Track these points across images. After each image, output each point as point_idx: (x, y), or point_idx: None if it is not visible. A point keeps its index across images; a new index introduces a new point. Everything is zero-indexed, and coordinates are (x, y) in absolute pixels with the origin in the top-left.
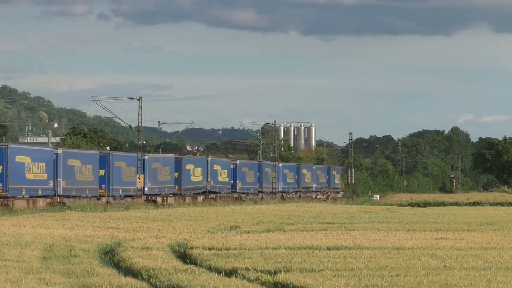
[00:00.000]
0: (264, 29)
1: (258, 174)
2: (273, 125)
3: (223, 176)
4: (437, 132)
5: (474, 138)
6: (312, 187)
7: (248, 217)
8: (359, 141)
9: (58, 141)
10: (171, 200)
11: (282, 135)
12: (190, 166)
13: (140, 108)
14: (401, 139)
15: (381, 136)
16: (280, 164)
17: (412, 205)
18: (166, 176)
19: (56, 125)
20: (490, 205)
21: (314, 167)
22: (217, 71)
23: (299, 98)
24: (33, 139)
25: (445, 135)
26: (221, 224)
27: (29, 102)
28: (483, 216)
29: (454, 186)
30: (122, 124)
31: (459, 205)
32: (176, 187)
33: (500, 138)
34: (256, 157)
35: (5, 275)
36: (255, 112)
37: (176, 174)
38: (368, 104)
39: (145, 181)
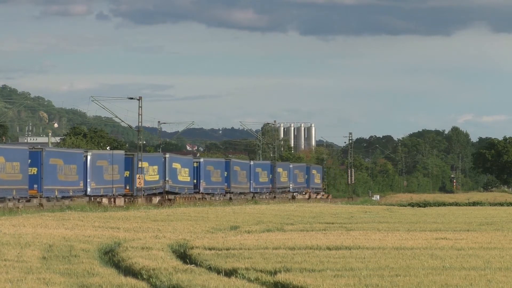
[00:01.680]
0: (263, 29)
1: (226, 173)
2: (273, 125)
3: (184, 175)
4: (437, 132)
5: (474, 138)
6: (289, 187)
7: (248, 217)
8: (359, 141)
9: (58, 141)
10: (120, 201)
11: (282, 135)
12: (144, 164)
13: (140, 108)
14: (401, 139)
15: (381, 136)
16: (251, 163)
17: (412, 205)
18: (114, 175)
19: (56, 125)
20: (490, 205)
21: (291, 166)
22: (217, 71)
23: (299, 98)
24: (33, 139)
25: (445, 135)
26: (221, 224)
27: (29, 102)
28: (483, 216)
29: (454, 186)
30: (122, 124)
31: (459, 205)
32: (127, 187)
33: (500, 138)
34: (256, 157)
35: (5, 275)
36: (255, 112)
37: (126, 173)
38: (368, 104)
39: (88, 180)
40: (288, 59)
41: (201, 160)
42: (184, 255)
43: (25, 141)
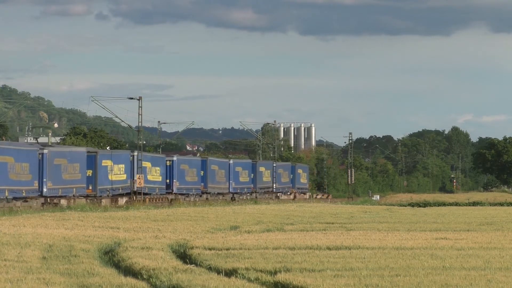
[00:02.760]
0: (263, 29)
1: (202, 172)
2: (273, 125)
3: (155, 175)
4: (437, 132)
5: (474, 138)
6: (272, 187)
7: (248, 217)
8: (359, 141)
9: (58, 141)
10: (81, 202)
11: (282, 135)
12: (108, 163)
13: (140, 108)
14: (401, 139)
15: (381, 136)
16: (231, 161)
17: (412, 205)
18: (75, 175)
19: (56, 125)
20: (490, 205)
21: (274, 165)
22: (217, 71)
23: (299, 98)
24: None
25: (445, 135)
26: (221, 224)
27: (29, 102)
28: (483, 216)
29: (454, 186)
30: (122, 124)
31: (459, 205)
32: (90, 188)
33: (500, 138)
34: (256, 157)
35: (5, 275)
36: (255, 112)
37: (89, 172)
38: (368, 104)
39: (44, 180)
40: (288, 59)
41: (175, 158)
42: (184, 255)
43: (25, 141)
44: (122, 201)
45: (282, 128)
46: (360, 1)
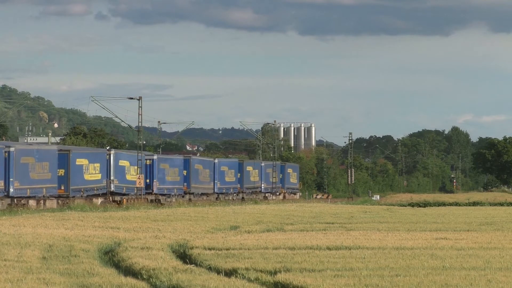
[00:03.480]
0: (262, 29)
1: (185, 172)
2: (273, 125)
3: (133, 174)
4: (437, 132)
5: (474, 138)
6: (260, 187)
7: (248, 217)
8: (359, 141)
9: (58, 141)
10: (51, 204)
11: (282, 135)
12: (82, 161)
13: (140, 108)
14: (401, 139)
15: (381, 136)
16: (216, 160)
17: (412, 205)
18: (44, 174)
19: (56, 125)
20: (490, 205)
21: (262, 164)
22: (217, 71)
23: (299, 98)
24: (33, 139)
25: (445, 135)
26: (221, 224)
27: (29, 102)
28: (483, 216)
29: (454, 186)
30: (122, 124)
31: (459, 205)
32: (62, 188)
33: (500, 138)
34: (256, 157)
35: (5, 275)
36: (255, 112)
37: (61, 171)
38: (368, 104)
39: (10, 179)
40: (288, 59)
41: (154, 157)
42: (184, 255)
43: (25, 141)
44: (98, 202)
45: (282, 128)
46: (360, 1)
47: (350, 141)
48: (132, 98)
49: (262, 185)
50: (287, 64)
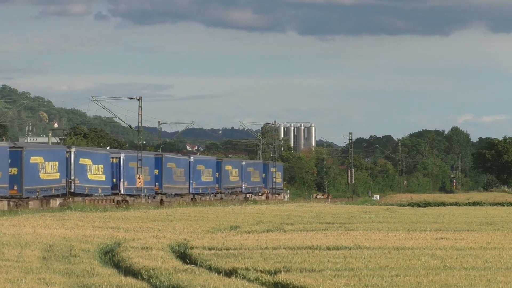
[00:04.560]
0: (262, 29)
1: (156, 171)
2: (273, 125)
3: (97, 174)
4: (437, 132)
5: (474, 138)
6: (241, 187)
7: (248, 217)
8: (359, 141)
9: (58, 141)
10: (2, 205)
11: (282, 135)
12: (37, 159)
13: (140, 108)
14: (401, 139)
15: (381, 136)
16: (191, 159)
17: (412, 205)
18: None
19: (56, 125)
20: (490, 205)
21: (243, 163)
22: (217, 71)
23: (299, 98)
24: (33, 139)
25: (445, 135)
26: (221, 224)
27: (29, 102)
28: (483, 216)
29: (454, 186)
30: (122, 124)
31: (459, 205)
32: (15, 188)
33: (500, 138)
34: (256, 157)
35: (5, 275)
36: (255, 112)
37: (13, 170)
38: (368, 104)
39: None
40: (288, 59)
41: (122, 155)
42: (184, 255)
43: (25, 141)
44: (55, 203)
45: (282, 128)
46: (359, 1)
47: (350, 141)
48: (132, 98)
49: (243, 185)
50: (287, 64)
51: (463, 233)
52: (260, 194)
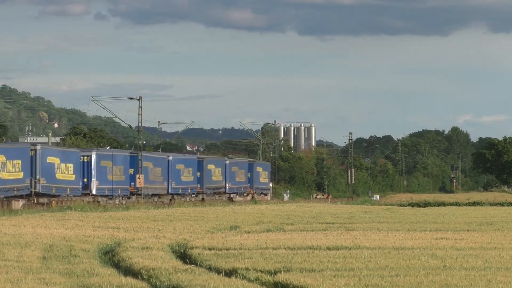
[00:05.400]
0: (262, 29)
1: (131, 170)
2: (273, 125)
3: (66, 173)
4: (437, 132)
5: (474, 138)
6: (225, 187)
7: (248, 217)
8: (359, 141)
9: (58, 141)
10: None
11: (282, 135)
12: None
13: (140, 108)
14: (401, 139)
15: (381, 136)
16: (170, 158)
17: (412, 205)
18: None
19: (56, 125)
20: (490, 205)
21: (227, 162)
22: (217, 71)
23: (299, 98)
24: (33, 139)
25: (445, 135)
26: (221, 224)
27: (29, 102)
28: (483, 216)
29: (454, 186)
30: (122, 124)
31: (459, 205)
32: None
33: (500, 138)
34: (256, 157)
35: (5, 275)
36: (255, 112)
37: None
38: (368, 104)
39: None
40: (288, 59)
41: (93, 153)
42: (184, 255)
43: (25, 141)
44: (18, 204)
45: (282, 128)
46: (359, 1)
47: (350, 141)
48: (132, 98)
49: (227, 185)
50: (287, 64)
51: (463, 233)
52: (245, 194)
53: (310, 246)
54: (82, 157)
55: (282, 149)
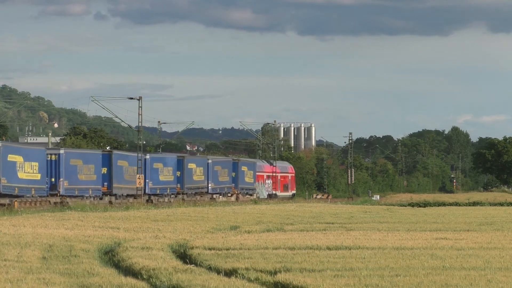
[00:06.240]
0: (261, 29)
1: (104, 169)
2: (273, 125)
3: (30, 172)
4: (437, 132)
5: (474, 138)
6: (207, 187)
7: (248, 217)
8: (359, 141)
9: (58, 141)
10: None
11: (282, 135)
12: None
13: (140, 108)
14: (401, 139)
15: (381, 136)
16: (147, 156)
17: (412, 205)
18: None
19: (56, 125)
20: (490, 205)
21: (209, 161)
22: (217, 71)
23: (299, 98)
24: (33, 139)
25: (445, 135)
26: (221, 224)
27: (29, 102)
28: (483, 216)
29: (454, 186)
30: (122, 124)
31: (459, 205)
32: None
33: (500, 138)
34: (256, 157)
35: (5, 275)
36: (255, 112)
37: None
38: (368, 104)
39: None
40: (287, 59)
41: (61, 152)
42: (184, 255)
43: (25, 141)
44: None
45: (282, 128)
46: (359, 1)
47: (350, 141)
48: (132, 98)
49: (209, 185)
50: (287, 64)
51: (463, 233)
52: (229, 194)
53: (310, 246)
54: (49, 156)
55: (282, 149)
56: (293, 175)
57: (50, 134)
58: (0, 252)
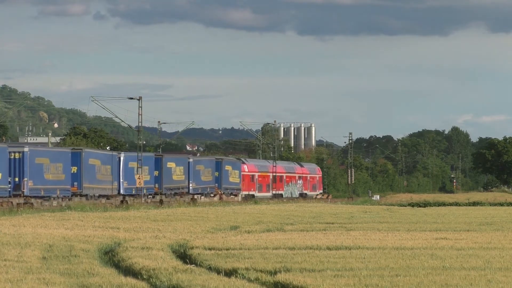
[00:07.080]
0: (261, 29)
1: (74, 169)
2: (273, 125)
3: None
4: (437, 132)
5: (474, 138)
6: (187, 188)
7: (248, 217)
8: (359, 141)
9: (58, 141)
10: None
11: (282, 135)
12: None
13: (140, 108)
14: (401, 139)
15: (381, 136)
16: (122, 155)
17: (412, 205)
18: None
19: (56, 125)
20: (490, 205)
21: (190, 160)
22: (217, 71)
23: (299, 98)
24: (33, 139)
25: (445, 135)
26: (221, 224)
27: (29, 102)
28: (483, 216)
29: (454, 186)
30: (122, 124)
31: (459, 205)
32: None
33: (500, 138)
34: (256, 157)
35: (5, 275)
36: (255, 112)
37: None
38: (368, 104)
39: None
40: (287, 59)
41: (26, 149)
42: (184, 255)
43: (25, 141)
44: None
45: (282, 128)
46: (359, 1)
47: (350, 141)
48: (132, 98)
49: (190, 185)
50: (287, 64)
51: (463, 233)
52: (212, 195)
53: (310, 246)
54: (12, 154)
55: (282, 149)
56: (320, 176)
57: (50, 134)
58: (0, 252)
